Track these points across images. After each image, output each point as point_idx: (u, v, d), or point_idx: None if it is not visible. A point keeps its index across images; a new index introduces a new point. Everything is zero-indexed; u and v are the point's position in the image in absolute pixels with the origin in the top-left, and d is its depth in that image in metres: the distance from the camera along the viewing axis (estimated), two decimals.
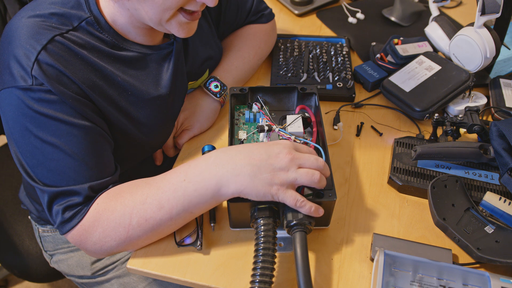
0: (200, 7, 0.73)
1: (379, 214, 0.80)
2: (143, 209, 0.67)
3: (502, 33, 0.99)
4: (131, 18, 0.74)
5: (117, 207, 0.69)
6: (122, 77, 0.76)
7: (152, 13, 0.70)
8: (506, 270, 0.72)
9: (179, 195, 0.67)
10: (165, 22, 0.73)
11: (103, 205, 0.69)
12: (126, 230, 0.68)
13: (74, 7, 0.73)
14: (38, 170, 0.70)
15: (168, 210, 0.67)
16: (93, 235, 0.69)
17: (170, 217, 0.68)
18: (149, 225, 0.68)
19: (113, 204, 0.69)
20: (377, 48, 1.10)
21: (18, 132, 0.70)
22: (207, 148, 0.87)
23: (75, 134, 0.69)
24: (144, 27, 0.77)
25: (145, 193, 0.68)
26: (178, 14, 0.72)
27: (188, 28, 0.76)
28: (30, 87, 0.67)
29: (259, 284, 0.61)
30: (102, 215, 0.69)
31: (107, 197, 0.70)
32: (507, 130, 0.79)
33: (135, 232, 0.68)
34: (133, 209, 0.68)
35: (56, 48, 0.69)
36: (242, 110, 0.90)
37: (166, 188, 0.68)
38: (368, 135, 0.94)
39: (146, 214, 0.67)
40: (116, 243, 0.69)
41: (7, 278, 1.58)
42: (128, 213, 0.68)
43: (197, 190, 0.66)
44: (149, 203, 0.68)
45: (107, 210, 0.69)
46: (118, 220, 0.68)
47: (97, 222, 0.69)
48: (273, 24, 1.10)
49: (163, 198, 0.67)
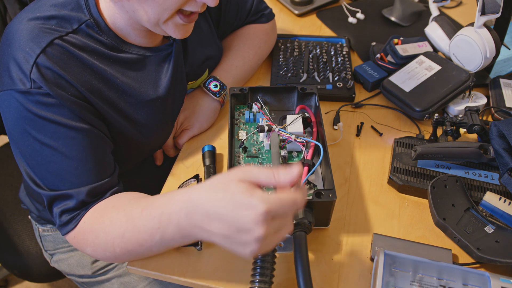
0: (201, 8, 0.73)
1: (379, 214, 0.80)
2: (123, 242, 0.66)
3: (502, 33, 0.99)
4: (130, 20, 0.74)
5: (99, 233, 0.68)
6: (121, 79, 0.76)
7: (152, 13, 0.70)
8: (506, 270, 0.72)
9: (156, 239, 0.64)
10: (163, 23, 0.72)
11: (88, 225, 0.70)
12: (113, 254, 0.68)
13: (74, 9, 0.73)
14: (38, 171, 0.70)
15: (148, 248, 0.66)
16: (85, 249, 0.71)
17: (151, 252, 0.68)
18: (132, 255, 0.68)
19: (96, 227, 0.69)
20: (377, 48, 1.10)
21: (18, 134, 0.70)
22: (207, 148, 0.87)
23: (74, 136, 0.70)
24: (143, 29, 0.77)
25: (123, 227, 0.66)
26: (175, 15, 0.72)
27: (184, 30, 0.76)
28: (28, 90, 0.67)
29: (259, 284, 0.61)
30: (88, 236, 0.69)
31: (93, 215, 0.70)
32: (507, 130, 0.79)
33: (121, 257, 0.69)
34: (114, 240, 0.67)
35: (55, 51, 0.69)
36: (242, 110, 0.90)
37: (141, 230, 0.64)
38: (368, 135, 0.94)
39: (127, 247, 0.67)
40: (107, 259, 0.71)
41: (7, 278, 1.58)
42: (110, 242, 0.67)
43: (174, 239, 0.63)
44: (128, 238, 0.66)
45: (91, 233, 0.69)
46: (102, 245, 0.68)
47: (86, 240, 0.70)
48: (273, 24, 1.10)
49: (140, 238, 0.65)
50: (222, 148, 0.90)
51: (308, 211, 0.68)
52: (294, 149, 0.82)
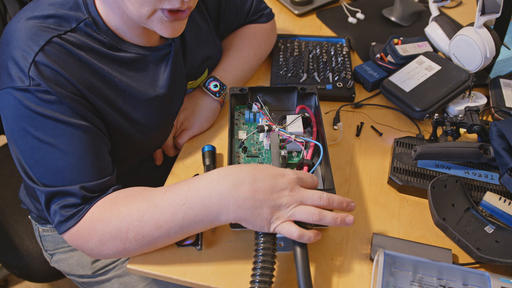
0: (181, 5, 0.69)
1: (379, 214, 0.80)
2: (140, 226, 0.66)
3: (502, 33, 0.99)
4: (123, 17, 0.74)
5: (112, 220, 0.68)
6: (119, 78, 0.76)
7: (131, 9, 0.70)
8: (506, 270, 0.72)
9: (178, 218, 0.65)
10: (146, 19, 0.71)
11: (98, 215, 0.69)
12: (123, 243, 0.68)
13: (73, 8, 0.73)
14: (36, 169, 0.70)
15: (166, 230, 0.66)
16: (89, 242, 0.69)
17: (167, 236, 0.67)
18: (145, 241, 0.68)
19: (108, 215, 0.68)
20: (377, 48, 1.10)
21: (16, 132, 0.70)
22: (207, 148, 0.87)
23: (73, 133, 0.69)
24: (137, 27, 0.76)
25: (142, 210, 0.67)
26: (157, 11, 0.70)
27: (172, 28, 0.73)
28: (27, 87, 0.67)
29: (259, 284, 0.61)
30: (97, 226, 0.68)
31: (103, 206, 0.69)
32: (507, 130, 0.79)
33: (131, 245, 0.68)
34: (129, 225, 0.67)
35: (54, 49, 0.69)
36: (242, 110, 0.90)
37: (164, 209, 0.66)
38: (368, 135, 0.94)
39: (143, 231, 0.67)
40: (113, 252, 0.69)
41: (7, 278, 1.58)
42: (125, 227, 0.67)
43: (197, 216, 0.65)
44: (146, 221, 0.66)
45: (102, 221, 0.68)
46: (114, 233, 0.67)
47: (92, 231, 0.69)
48: (273, 24, 1.10)
49: (161, 219, 0.66)
50: (222, 148, 0.90)
51: None
52: (294, 149, 0.82)
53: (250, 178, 0.65)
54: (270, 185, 0.64)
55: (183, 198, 0.65)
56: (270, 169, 0.66)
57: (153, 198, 0.68)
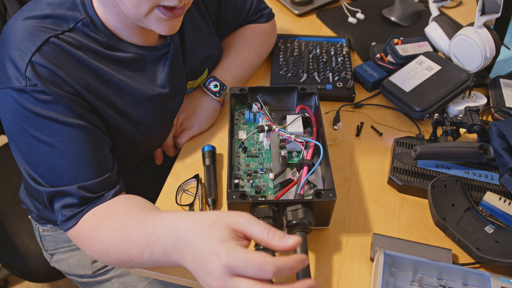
0: (179, 2, 0.70)
1: (379, 214, 0.80)
2: (117, 255, 0.66)
3: (502, 33, 0.99)
4: (119, 16, 0.74)
5: (95, 242, 0.68)
6: (117, 77, 0.77)
7: (128, 7, 0.70)
8: (506, 270, 0.72)
9: (145, 257, 0.63)
10: (143, 17, 0.71)
11: (86, 231, 0.70)
12: (108, 262, 0.69)
13: (70, 8, 0.73)
14: (36, 168, 0.70)
15: (139, 263, 0.65)
16: (85, 250, 0.71)
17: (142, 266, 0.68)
18: (127, 265, 0.68)
19: (93, 235, 0.69)
20: (377, 48, 1.10)
21: (15, 132, 0.70)
22: (207, 148, 0.87)
23: (70, 133, 0.70)
24: (134, 26, 0.76)
25: (117, 240, 0.66)
26: (155, 9, 0.71)
27: (169, 25, 0.73)
28: (24, 88, 0.67)
29: None
30: (87, 242, 0.70)
31: (91, 222, 0.70)
32: (507, 130, 0.79)
33: (117, 265, 0.69)
34: (109, 251, 0.67)
35: (51, 49, 0.69)
36: (242, 110, 0.90)
37: (133, 246, 0.64)
38: (368, 135, 0.94)
39: (121, 259, 0.67)
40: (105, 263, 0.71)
41: (7, 278, 1.58)
42: (106, 252, 0.67)
43: (161, 260, 0.62)
44: (121, 252, 0.66)
45: (89, 239, 0.69)
46: (99, 253, 0.69)
47: (84, 244, 0.71)
48: (273, 24, 1.10)
49: (132, 254, 0.65)
50: (222, 148, 0.90)
51: (308, 211, 0.68)
52: (294, 149, 0.82)
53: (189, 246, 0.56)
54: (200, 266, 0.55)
55: (148, 240, 0.62)
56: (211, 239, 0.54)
57: (126, 229, 0.65)
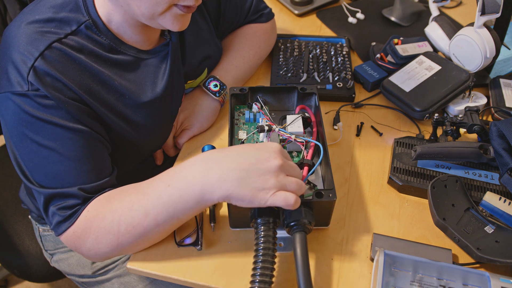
0: (195, 1, 0.71)
1: (379, 214, 0.80)
2: (130, 216, 0.67)
3: (502, 33, 0.99)
4: (125, 15, 0.74)
5: (106, 214, 0.68)
6: (119, 81, 0.77)
7: (144, 7, 0.70)
8: (506, 270, 0.72)
9: (163, 201, 0.65)
10: (158, 15, 0.72)
11: (94, 212, 0.69)
12: (116, 237, 0.68)
13: (73, 10, 0.73)
14: (35, 172, 0.70)
15: (154, 217, 0.66)
16: (86, 241, 0.69)
17: (156, 224, 0.67)
18: (137, 232, 0.67)
19: (102, 211, 0.69)
20: (377, 48, 1.10)
21: (15, 136, 0.70)
22: (207, 148, 0.87)
23: (71, 137, 0.70)
24: (139, 25, 0.76)
25: (132, 200, 0.67)
26: (173, 7, 0.71)
27: (183, 21, 0.74)
28: (26, 92, 0.67)
29: (259, 284, 0.61)
30: (93, 222, 0.69)
31: (98, 203, 0.70)
32: (507, 130, 0.79)
33: (125, 238, 0.68)
34: (120, 216, 0.67)
35: (53, 54, 0.69)
36: (242, 110, 0.90)
37: (151, 195, 0.66)
38: (368, 135, 0.94)
39: (133, 221, 0.67)
40: (109, 249, 0.69)
41: (7, 278, 1.58)
42: (117, 220, 0.67)
43: (181, 196, 0.64)
44: (135, 210, 0.66)
45: (97, 217, 0.68)
46: (107, 227, 0.68)
47: (88, 229, 0.69)
48: (273, 24, 1.10)
49: (148, 205, 0.66)
50: None
51: (308, 211, 0.68)
52: (294, 149, 0.82)
53: (234, 152, 0.65)
54: (254, 155, 0.64)
55: (169, 180, 0.66)
56: (253, 145, 0.67)
57: (142, 186, 0.69)
